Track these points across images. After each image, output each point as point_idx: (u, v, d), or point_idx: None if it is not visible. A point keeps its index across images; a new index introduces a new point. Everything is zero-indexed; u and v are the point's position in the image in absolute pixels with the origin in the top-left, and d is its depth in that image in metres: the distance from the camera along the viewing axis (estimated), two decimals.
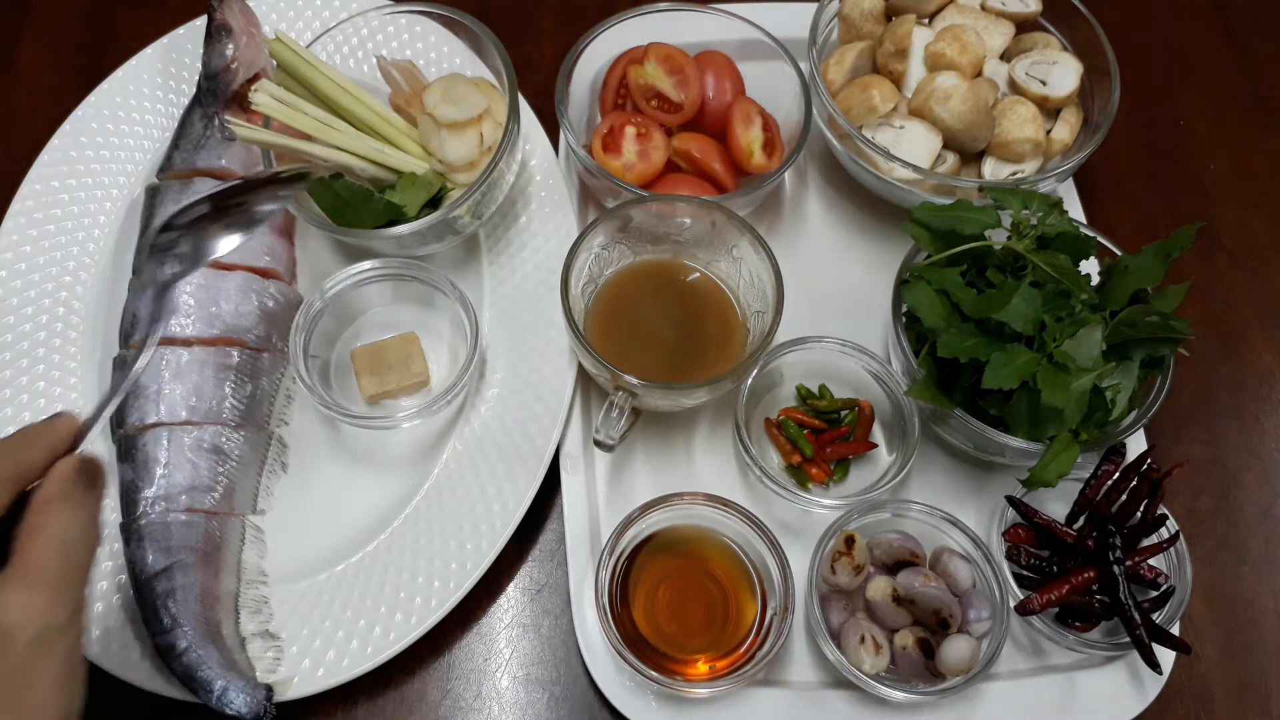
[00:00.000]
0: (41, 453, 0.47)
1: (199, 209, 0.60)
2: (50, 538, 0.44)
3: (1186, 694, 0.68)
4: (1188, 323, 0.64)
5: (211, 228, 0.60)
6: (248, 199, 0.61)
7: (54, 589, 0.43)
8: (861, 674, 0.62)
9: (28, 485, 0.46)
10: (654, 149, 0.76)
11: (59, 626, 0.43)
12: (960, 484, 0.73)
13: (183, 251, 0.59)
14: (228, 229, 0.60)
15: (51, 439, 0.47)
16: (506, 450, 0.70)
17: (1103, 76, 0.78)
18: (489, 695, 0.67)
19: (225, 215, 0.60)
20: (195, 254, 0.59)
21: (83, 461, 0.47)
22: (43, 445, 0.47)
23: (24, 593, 0.42)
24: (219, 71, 0.75)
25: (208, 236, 0.60)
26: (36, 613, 0.42)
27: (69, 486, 0.46)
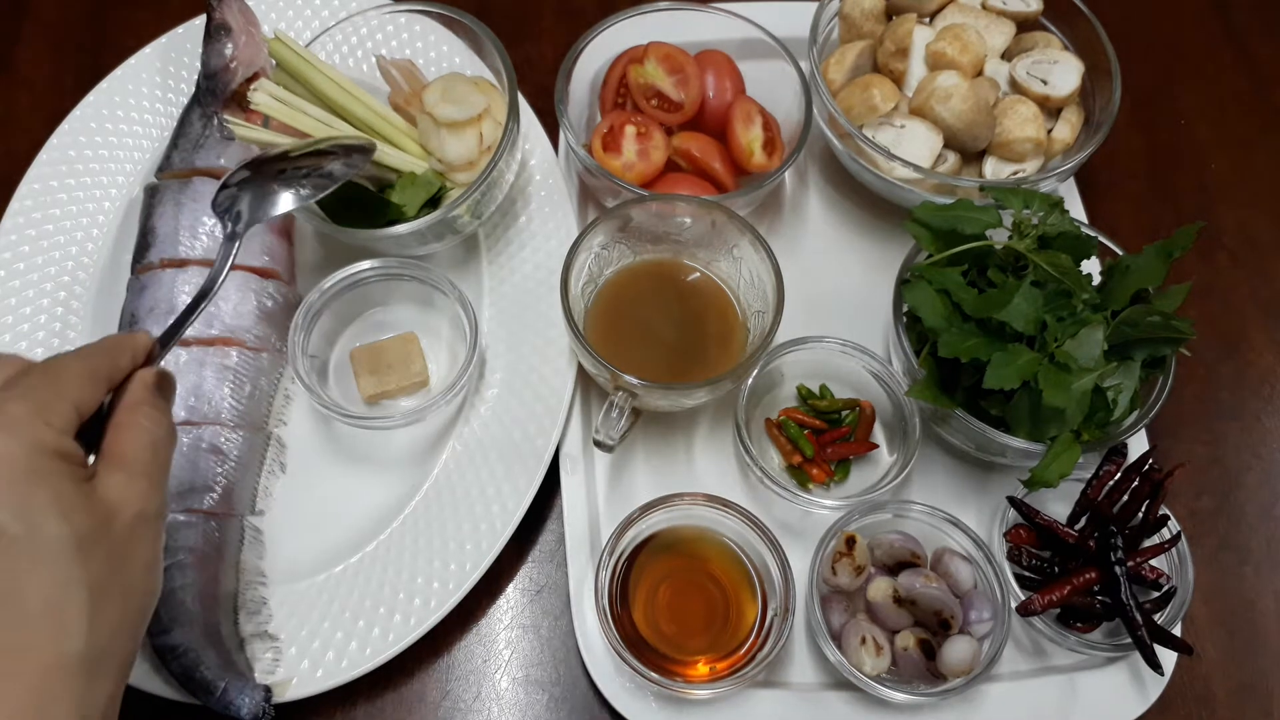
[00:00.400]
0: (127, 358, 0.49)
1: (260, 167, 0.63)
2: (140, 434, 0.47)
3: (1188, 695, 0.68)
4: (1189, 323, 0.63)
5: (273, 185, 0.63)
6: (314, 164, 0.64)
7: (148, 478, 0.46)
8: (862, 675, 0.62)
9: (114, 386, 0.49)
10: (654, 148, 0.76)
11: (153, 513, 0.46)
12: (961, 484, 0.73)
13: (240, 209, 0.62)
14: (290, 186, 0.63)
15: (135, 348, 0.50)
16: (506, 450, 0.70)
17: (1104, 76, 0.78)
18: (488, 696, 0.67)
19: (288, 177, 0.63)
20: (255, 212, 0.62)
21: (160, 373, 0.51)
22: (126, 352, 0.50)
23: (123, 477, 0.45)
24: (218, 71, 0.75)
25: (269, 194, 0.62)
26: (134, 496, 0.45)
27: (151, 392, 0.49)
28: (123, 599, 0.44)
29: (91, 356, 0.48)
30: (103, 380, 0.48)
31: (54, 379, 0.45)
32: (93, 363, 0.47)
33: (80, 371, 0.46)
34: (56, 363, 0.47)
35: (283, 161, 0.65)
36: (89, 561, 0.42)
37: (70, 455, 0.44)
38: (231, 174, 0.64)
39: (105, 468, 0.45)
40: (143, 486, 0.46)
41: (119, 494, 0.44)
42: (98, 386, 0.47)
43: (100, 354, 0.49)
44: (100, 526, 0.43)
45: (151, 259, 0.72)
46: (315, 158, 0.65)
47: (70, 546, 0.42)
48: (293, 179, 0.63)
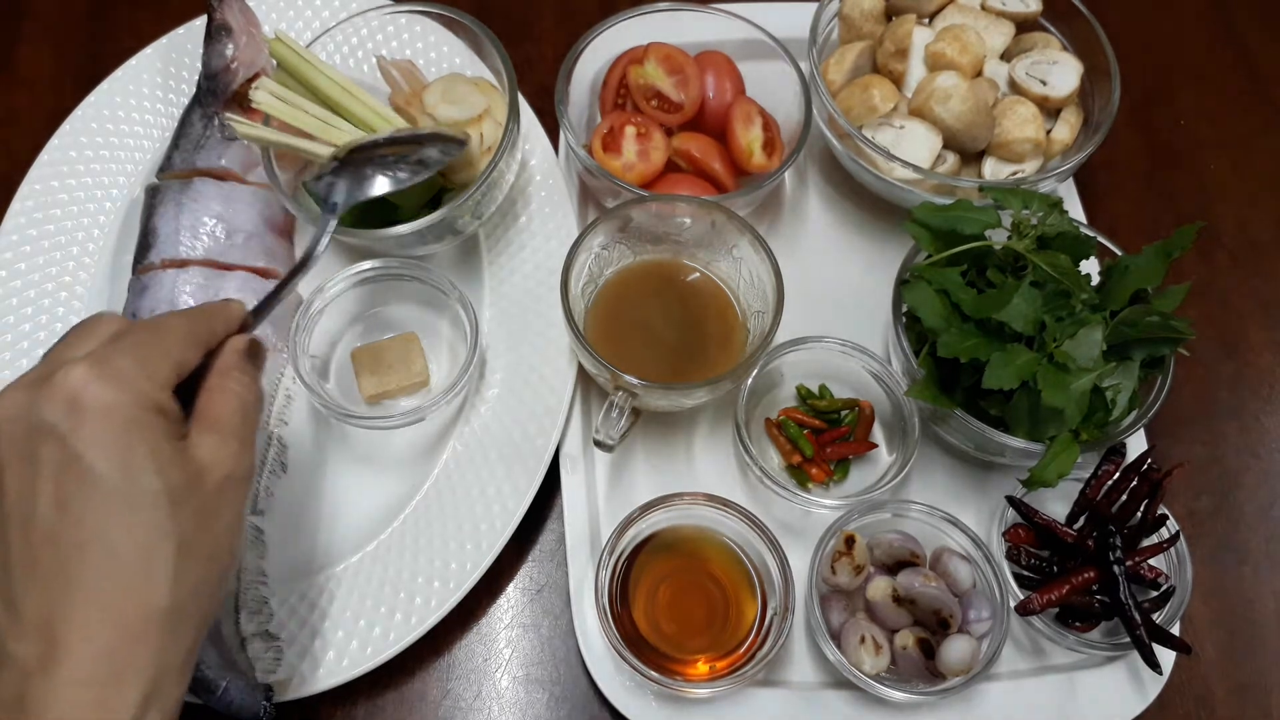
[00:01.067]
0: (221, 324, 0.51)
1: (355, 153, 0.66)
2: (232, 398, 0.48)
3: (1187, 694, 0.68)
4: (1188, 323, 0.64)
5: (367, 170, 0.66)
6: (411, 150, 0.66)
7: (238, 441, 0.47)
8: (862, 674, 0.62)
9: (210, 350, 0.50)
10: (654, 149, 0.76)
11: (241, 476, 0.47)
12: (960, 484, 0.73)
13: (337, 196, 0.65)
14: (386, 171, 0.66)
15: (229, 317, 0.52)
16: (506, 450, 0.70)
17: (1103, 76, 0.78)
18: (489, 695, 0.67)
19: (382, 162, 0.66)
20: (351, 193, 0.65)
21: (251, 341, 0.52)
22: (222, 319, 0.51)
23: (215, 439, 0.46)
24: (219, 71, 0.75)
25: (363, 179, 0.66)
26: (225, 458, 0.46)
27: (242, 359, 0.50)
28: (207, 557, 0.45)
29: (193, 319, 0.49)
30: (201, 343, 0.49)
31: (159, 338, 0.47)
32: (194, 325, 0.49)
33: (182, 333, 0.48)
34: (160, 322, 0.49)
35: (378, 149, 0.66)
36: (179, 517, 0.43)
37: (169, 412, 0.45)
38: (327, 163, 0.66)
39: (198, 428, 0.47)
40: (233, 448, 0.47)
41: (210, 454, 0.46)
42: (197, 348, 0.49)
43: (200, 318, 0.50)
44: (191, 484, 0.44)
45: (152, 259, 0.72)
46: (410, 145, 0.67)
47: (164, 500, 0.42)
48: (387, 164, 0.66)
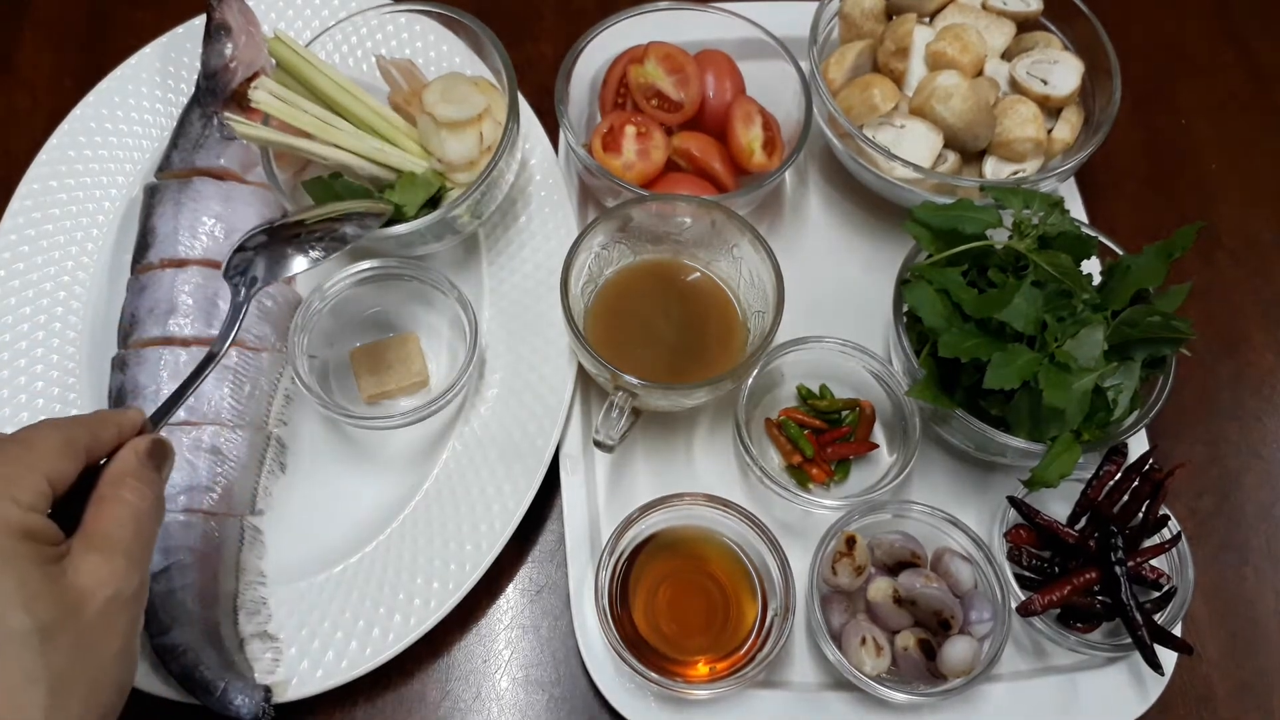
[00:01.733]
0: (111, 431, 0.48)
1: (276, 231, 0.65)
2: (123, 509, 0.45)
3: (1189, 695, 0.68)
4: (1189, 323, 0.63)
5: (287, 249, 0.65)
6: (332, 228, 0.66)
7: (126, 557, 0.44)
8: (862, 675, 0.62)
9: (96, 460, 0.47)
10: (654, 148, 0.76)
11: (129, 596, 0.44)
12: (961, 484, 0.73)
13: (256, 273, 0.64)
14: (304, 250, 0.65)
15: (120, 422, 0.49)
16: (506, 450, 0.70)
17: (1104, 76, 0.78)
18: (488, 697, 0.67)
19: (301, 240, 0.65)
20: (269, 273, 0.64)
21: (153, 442, 0.49)
22: (112, 425, 0.49)
23: (98, 558, 0.43)
24: (218, 70, 0.75)
25: (282, 257, 0.64)
26: (109, 579, 0.43)
27: (140, 463, 0.48)
28: (88, 691, 0.42)
29: (69, 427, 0.47)
30: (80, 452, 0.46)
31: (25, 451, 0.44)
32: (71, 434, 0.46)
33: (54, 443, 0.45)
34: (28, 433, 0.46)
35: (297, 227, 0.66)
36: (52, 654, 0.40)
37: (39, 534, 0.42)
38: (247, 236, 0.65)
39: (80, 547, 0.44)
40: (119, 566, 0.44)
41: (92, 576, 0.43)
42: (74, 458, 0.45)
43: (79, 425, 0.47)
44: (67, 614, 0.41)
45: (151, 259, 0.72)
46: (329, 223, 0.66)
47: (33, 639, 0.40)
48: (306, 242, 0.65)
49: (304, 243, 0.65)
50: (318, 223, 0.66)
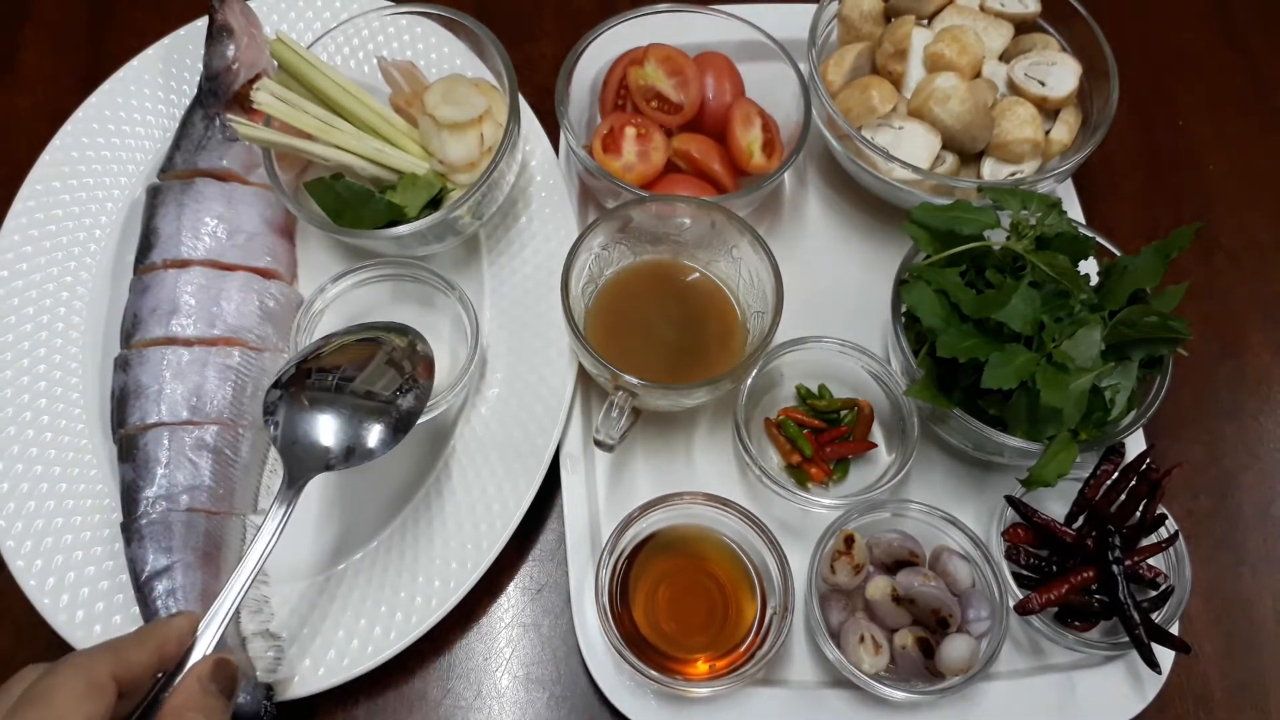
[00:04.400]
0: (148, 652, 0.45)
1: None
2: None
3: (1186, 693, 0.69)
4: (1186, 323, 0.64)
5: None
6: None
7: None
8: (861, 673, 0.62)
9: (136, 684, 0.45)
10: (654, 149, 0.76)
11: None
12: (959, 483, 0.73)
13: None
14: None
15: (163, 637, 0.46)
16: (506, 450, 0.70)
17: (1101, 77, 0.78)
18: (489, 694, 0.67)
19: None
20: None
21: (216, 663, 0.46)
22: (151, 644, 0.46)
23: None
24: (220, 72, 0.75)
25: None
26: None
27: (203, 690, 0.45)
28: None
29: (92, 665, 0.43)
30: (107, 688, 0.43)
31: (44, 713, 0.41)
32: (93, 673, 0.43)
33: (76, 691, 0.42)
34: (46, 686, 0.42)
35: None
36: None
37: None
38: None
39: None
40: None
41: None
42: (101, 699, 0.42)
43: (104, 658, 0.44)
44: None
45: (154, 259, 0.72)
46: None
47: None
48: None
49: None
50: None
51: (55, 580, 0.65)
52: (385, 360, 0.63)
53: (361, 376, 0.61)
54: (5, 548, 0.66)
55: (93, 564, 0.66)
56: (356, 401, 0.60)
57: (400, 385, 0.62)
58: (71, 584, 0.65)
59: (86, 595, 0.65)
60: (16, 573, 0.65)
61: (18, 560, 0.66)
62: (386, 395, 0.61)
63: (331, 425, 0.59)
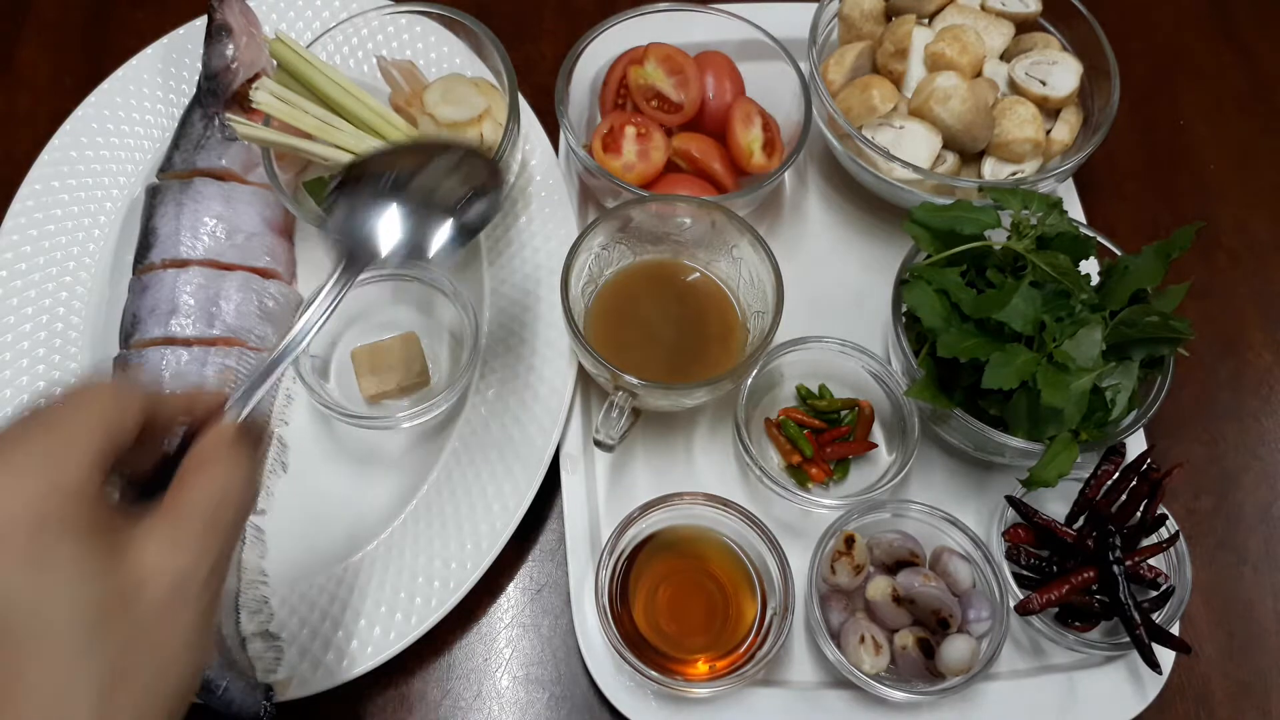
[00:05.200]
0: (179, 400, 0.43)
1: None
2: (205, 486, 0.41)
3: (1186, 694, 0.68)
4: (1188, 323, 0.64)
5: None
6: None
7: (198, 540, 0.39)
8: (861, 674, 0.62)
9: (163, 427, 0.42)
10: (654, 149, 0.76)
11: (197, 583, 0.39)
12: (960, 484, 0.73)
13: None
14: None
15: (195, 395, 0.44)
16: (506, 450, 0.70)
17: (1103, 76, 0.78)
18: (489, 695, 0.67)
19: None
20: None
21: (247, 422, 0.44)
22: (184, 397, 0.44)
23: (165, 538, 0.39)
24: (219, 71, 0.75)
25: None
26: (174, 562, 0.38)
27: (233, 440, 0.43)
28: (144, 693, 0.37)
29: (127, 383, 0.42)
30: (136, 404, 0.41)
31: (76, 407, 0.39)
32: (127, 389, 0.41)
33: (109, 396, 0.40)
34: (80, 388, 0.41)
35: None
36: (104, 648, 0.36)
37: (93, 503, 0.37)
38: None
39: (151, 523, 0.39)
40: (190, 548, 0.39)
41: (156, 558, 0.38)
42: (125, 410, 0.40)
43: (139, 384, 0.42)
44: (123, 601, 0.37)
45: (153, 259, 0.72)
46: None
47: (80, 629, 0.35)
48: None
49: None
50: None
51: None
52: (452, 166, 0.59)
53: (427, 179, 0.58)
54: None
55: None
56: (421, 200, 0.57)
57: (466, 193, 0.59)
58: None
59: None
60: None
61: None
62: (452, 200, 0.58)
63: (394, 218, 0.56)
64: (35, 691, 0.34)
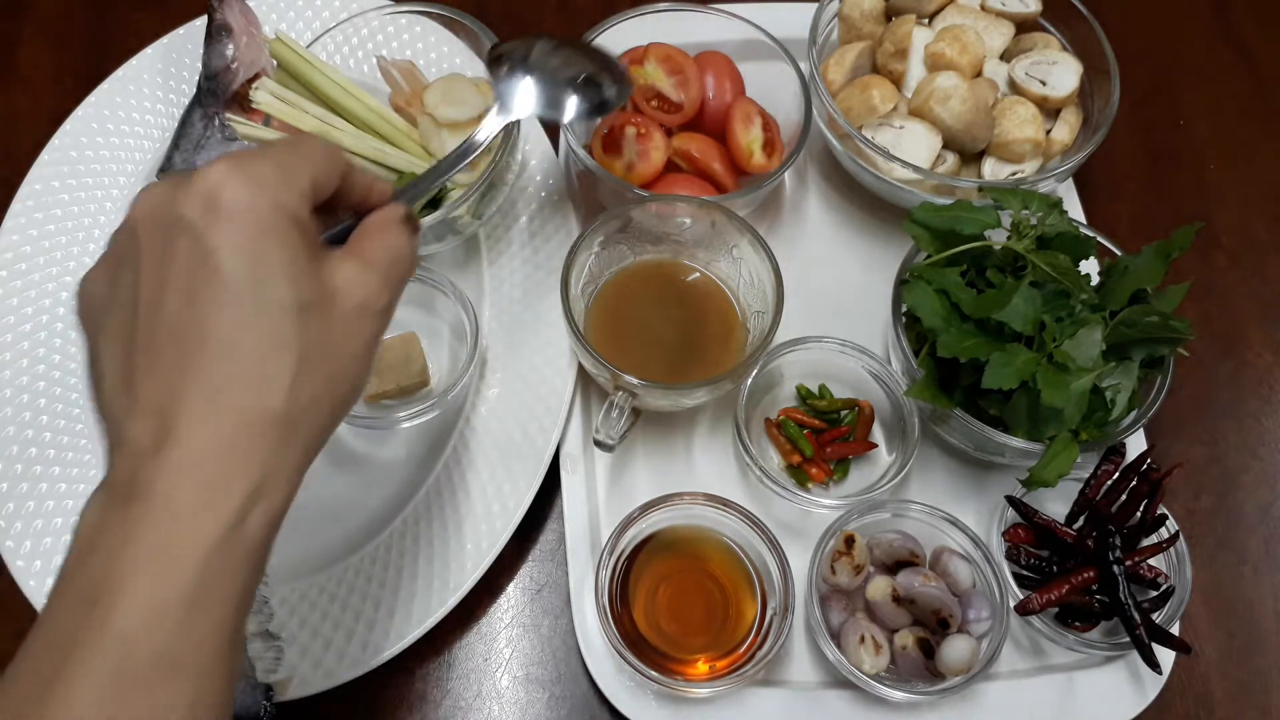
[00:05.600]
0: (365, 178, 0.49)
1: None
2: (386, 241, 0.47)
3: (1186, 694, 0.68)
4: (1187, 323, 0.64)
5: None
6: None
7: (381, 276, 0.45)
8: (861, 674, 0.62)
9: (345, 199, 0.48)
10: (654, 149, 0.76)
11: (378, 310, 0.45)
12: (960, 484, 0.73)
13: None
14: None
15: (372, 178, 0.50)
16: (506, 450, 0.70)
17: (1103, 77, 0.78)
18: (489, 695, 0.67)
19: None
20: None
21: (411, 212, 0.50)
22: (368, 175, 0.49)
23: (355, 267, 0.45)
24: (219, 71, 0.75)
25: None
26: (362, 287, 0.44)
27: (398, 219, 0.48)
28: (328, 378, 0.43)
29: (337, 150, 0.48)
30: (340, 168, 0.46)
31: (296, 147, 0.45)
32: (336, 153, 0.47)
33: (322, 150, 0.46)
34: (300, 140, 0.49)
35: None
36: (303, 330, 0.41)
37: (305, 226, 0.43)
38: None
39: (342, 254, 0.45)
40: (373, 281, 0.45)
41: (347, 280, 0.44)
42: (337, 171, 0.46)
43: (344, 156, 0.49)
44: (321, 302, 0.42)
45: None
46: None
47: (292, 310, 0.41)
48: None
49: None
50: None
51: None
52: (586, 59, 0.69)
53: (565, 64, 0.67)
54: (5, 548, 0.66)
55: None
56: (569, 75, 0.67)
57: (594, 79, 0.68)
58: None
59: None
60: (16, 573, 0.65)
61: (17, 560, 0.66)
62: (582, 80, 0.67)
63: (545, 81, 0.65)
64: (251, 347, 0.40)
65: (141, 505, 0.38)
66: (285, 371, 0.41)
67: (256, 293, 0.40)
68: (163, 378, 0.40)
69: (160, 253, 0.41)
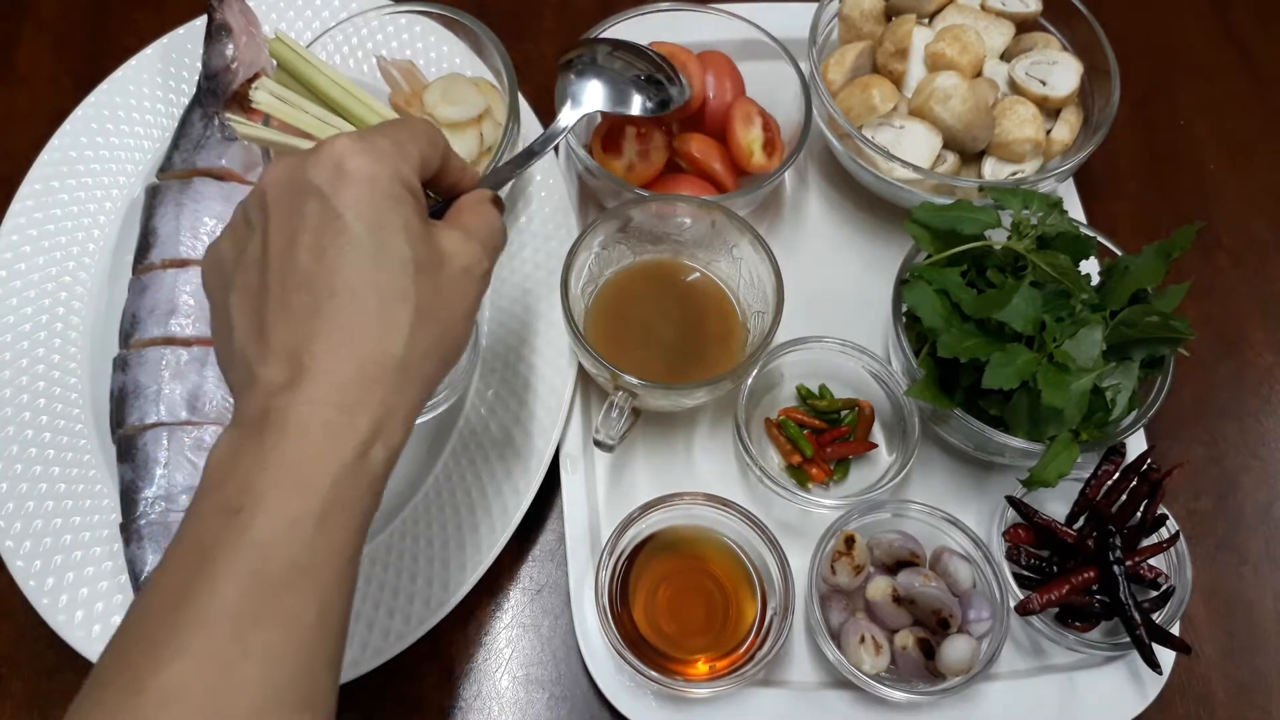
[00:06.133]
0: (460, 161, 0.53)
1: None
2: (480, 218, 0.51)
3: (1187, 694, 0.68)
4: (1188, 323, 0.64)
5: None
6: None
7: (481, 245, 0.49)
8: (861, 674, 0.62)
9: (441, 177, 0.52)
10: (654, 149, 0.76)
11: (479, 274, 0.49)
12: (960, 484, 0.73)
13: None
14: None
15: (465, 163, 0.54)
16: (506, 450, 0.70)
17: (1103, 76, 0.78)
18: (489, 695, 0.67)
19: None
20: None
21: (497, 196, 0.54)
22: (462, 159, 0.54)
23: (459, 234, 0.49)
24: (219, 71, 0.75)
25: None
26: (466, 252, 0.48)
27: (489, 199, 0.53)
28: (439, 332, 0.46)
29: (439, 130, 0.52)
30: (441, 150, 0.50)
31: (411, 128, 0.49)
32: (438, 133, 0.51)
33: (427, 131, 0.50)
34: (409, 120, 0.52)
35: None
36: (420, 286, 0.45)
37: (418, 196, 0.47)
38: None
39: (445, 224, 0.49)
40: (476, 249, 0.49)
41: (453, 246, 0.48)
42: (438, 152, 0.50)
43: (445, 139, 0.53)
44: (434, 263, 0.46)
45: (153, 259, 0.72)
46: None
47: (409, 267, 0.45)
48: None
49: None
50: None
51: (55, 580, 0.65)
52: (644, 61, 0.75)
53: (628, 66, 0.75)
54: (5, 548, 0.66)
55: (92, 564, 0.66)
56: (631, 75, 0.75)
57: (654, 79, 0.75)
58: (71, 584, 0.65)
59: (86, 595, 0.65)
60: (16, 573, 0.65)
61: (17, 560, 0.65)
62: (644, 80, 0.75)
63: (610, 79, 0.74)
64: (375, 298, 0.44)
65: (275, 434, 0.41)
66: (404, 321, 0.45)
67: (379, 250, 0.44)
68: (295, 324, 0.43)
69: (290, 213, 0.44)
